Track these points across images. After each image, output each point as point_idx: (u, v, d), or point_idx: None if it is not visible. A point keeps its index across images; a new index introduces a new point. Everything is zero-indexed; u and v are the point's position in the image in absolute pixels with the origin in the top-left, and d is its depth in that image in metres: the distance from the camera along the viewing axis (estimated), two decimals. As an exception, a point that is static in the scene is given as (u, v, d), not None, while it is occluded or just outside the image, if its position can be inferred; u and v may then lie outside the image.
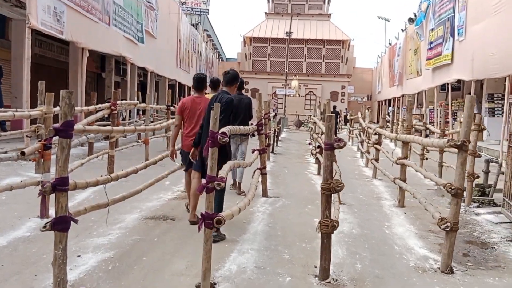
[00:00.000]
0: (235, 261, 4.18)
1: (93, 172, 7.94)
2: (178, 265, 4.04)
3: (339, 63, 47.93)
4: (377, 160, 9.19)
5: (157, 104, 20.67)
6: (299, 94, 42.70)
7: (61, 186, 3.24)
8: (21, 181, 4.89)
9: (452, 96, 22.99)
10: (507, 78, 15.42)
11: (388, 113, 30.44)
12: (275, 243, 4.78)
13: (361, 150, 13.09)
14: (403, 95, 31.34)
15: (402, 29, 32.10)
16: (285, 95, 35.35)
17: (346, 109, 37.19)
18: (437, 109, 20.90)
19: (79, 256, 4.10)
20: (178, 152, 6.18)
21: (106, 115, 8.05)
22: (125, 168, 8.93)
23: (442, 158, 9.05)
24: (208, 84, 6.47)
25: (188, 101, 5.87)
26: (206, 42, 42.29)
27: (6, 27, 14.44)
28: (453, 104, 20.22)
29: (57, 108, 5.60)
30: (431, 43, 20.89)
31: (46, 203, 5.17)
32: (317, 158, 9.57)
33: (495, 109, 16.23)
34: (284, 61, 48.24)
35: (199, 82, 5.95)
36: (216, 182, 3.50)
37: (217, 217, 3.47)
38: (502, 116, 15.97)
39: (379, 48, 67.22)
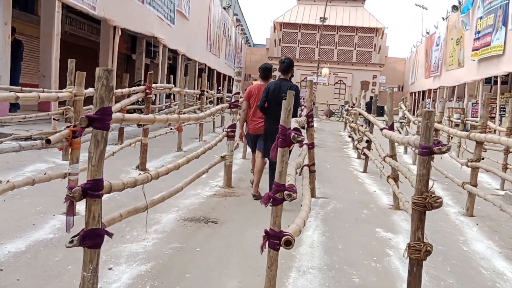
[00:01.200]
0: (296, 284, 3.45)
1: (125, 161, 7.34)
2: (228, 286, 3.33)
3: (372, 51, 46.49)
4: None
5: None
6: (329, 83, 41.61)
7: (93, 190, 2.54)
8: (45, 173, 4.25)
9: (495, 90, 21.74)
10: None
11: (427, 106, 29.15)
12: (337, 259, 4.02)
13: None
14: (440, 87, 30.00)
15: (443, 18, 30.63)
16: (316, 83, 34.28)
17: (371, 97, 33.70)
18: (482, 103, 19.73)
19: (110, 269, 3.43)
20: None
21: (141, 99, 7.40)
22: (156, 156, 8.35)
23: (507, 159, 8.11)
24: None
25: (255, 88, 6.36)
26: (236, 27, 41.38)
27: (35, 2, 13.90)
28: (500, 99, 19.00)
29: (89, 90, 4.93)
30: (478, 32, 19.63)
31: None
32: (364, 154, 8.73)
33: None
34: (314, 48, 47.12)
35: (266, 71, 6.46)
36: (286, 193, 2.77)
37: (286, 237, 2.75)
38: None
39: (414, 37, 65.04)
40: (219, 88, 29.13)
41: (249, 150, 8.87)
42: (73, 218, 2.61)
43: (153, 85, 7.39)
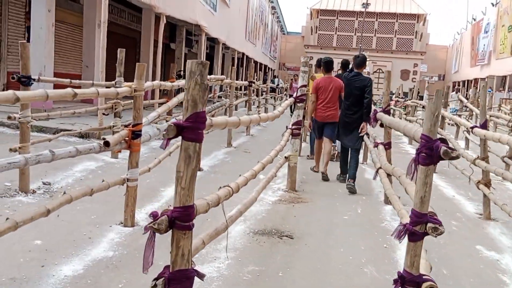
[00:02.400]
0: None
1: (174, 160, 6.77)
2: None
3: (413, 39, 44.87)
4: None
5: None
6: (368, 72, 40.31)
7: (183, 221, 1.95)
8: (102, 180, 3.70)
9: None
10: None
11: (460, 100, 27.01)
12: (449, 290, 3.34)
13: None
14: (488, 76, 28.46)
15: (492, 3, 28.99)
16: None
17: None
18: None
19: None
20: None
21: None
22: (207, 153, 7.77)
23: None
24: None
25: (322, 81, 7.01)
26: (272, 14, 40.51)
27: (77, -11, 13.51)
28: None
29: (148, 84, 4.35)
30: (539, 18, 18.23)
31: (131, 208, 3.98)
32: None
33: None
34: (352, 36, 45.80)
35: (329, 64, 7.13)
36: (431, 225, 2.10)
37: (429, 284, 2.08)
38: None
39: (457, 24, 62.62)
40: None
41: (304, 145, 8.93)
42: (152, 254, 2.02)
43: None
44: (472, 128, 5.32)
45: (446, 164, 8.11)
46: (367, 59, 7.46)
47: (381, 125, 5.37)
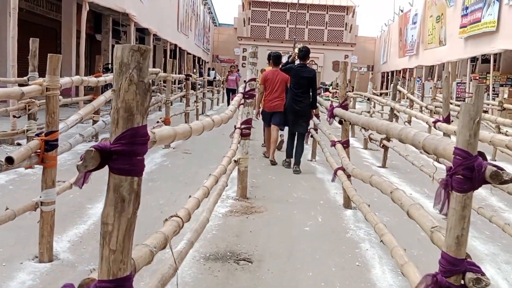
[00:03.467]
0: None
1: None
2: None
3: (343, 30, 45.50)
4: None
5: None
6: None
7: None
8: (6, 208, 2.84)
9: (481, 69, 21.11)
10: None
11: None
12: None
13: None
14: (417, 67, 29.31)
15: (419, -5, 29.78)
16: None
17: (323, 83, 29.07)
18: (469, 83, 18.99)
19: None
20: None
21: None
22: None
23: None
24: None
25: (269, 73, 7.53)
26: (204, 5, 39.45)
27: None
28: (487, 78, 18.27)
29: (65, 80, 3.48)
30: (466, 8, 18.75)
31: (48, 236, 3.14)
32: (383, 146, 7.57)
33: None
34: (284, 27, 45.72)
35: (277, 58, 7.68)
36: (471, 276, 1.51)
37: None
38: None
39: (384, 16, 64.61)
40: (194, 70, 27.49)
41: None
42: None
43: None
44: (435, 122, 4.92)
45: (396, 159, 7.82)
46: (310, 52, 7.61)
47: (340, 122, 4.84)
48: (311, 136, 7.74)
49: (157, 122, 7.64)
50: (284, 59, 8.35)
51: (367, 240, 4.06)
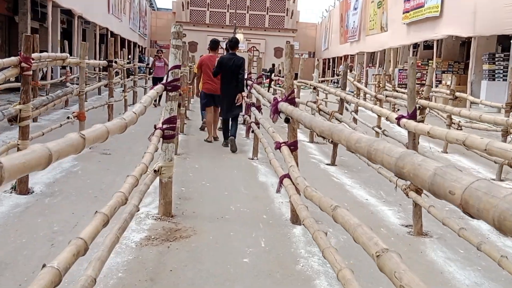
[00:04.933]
0: None
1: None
2: None
3: (284, 16, 44.89)
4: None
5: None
6: (243, 50, 39.36)
7: None
8: None
9: (422, 55, 21.02)
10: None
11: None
12: None
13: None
14: (358, 53, 29.11)
15: (360, -20, 29.46)
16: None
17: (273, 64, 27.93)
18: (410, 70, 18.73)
19: None
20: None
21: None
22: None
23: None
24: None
25: (205, 58, 8.18)
26: (139, -13, 37.33)
27: None
28: (429, 64, 18.07)
29: None
30: (408, -7, 18.42)
31: None
32: (332, 142, 6.75)
33: (496, 71, 14.12)
34: (225, 12, 44.40)
35: (215, 44, 8.43)
36: None
37: None
38: (505, 80, 13.98)
39: (325, 2, 64.61)
40: (129, 56, 25.74)
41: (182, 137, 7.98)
42: None
43: (35, 54, 4.73)
44: (398, 119, 4.09)
45: (345, 154, 7.05)
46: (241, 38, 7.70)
47: (286, 120, 3.90)
48: (252, 132, 6.80)
49: (68, 117, 6.38)
50: (223, 45, 9.07)
51: (322, 273, 3.16)
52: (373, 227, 3.72)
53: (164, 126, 3.96)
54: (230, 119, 7.56)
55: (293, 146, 4.08)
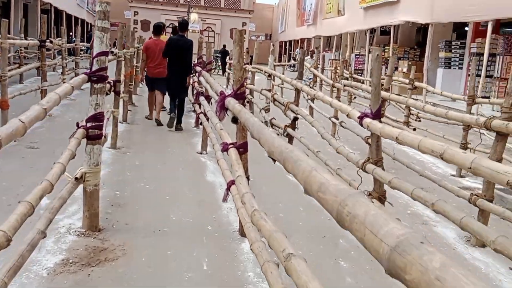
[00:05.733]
0: None
1: None
2: None
3: (240, -4, 43.86)
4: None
5: (26, 36, 15.39)
6: (196, 30, 38.14)
7: None
8: None
9: (379, 41, 20.87)
10: (469, 24, 13.27)
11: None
12: None
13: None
14: (315, 37, 28.75)
15: (317, -38, 28.94)
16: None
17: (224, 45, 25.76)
18: (368, 56, 18.54)
19: None
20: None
21: None
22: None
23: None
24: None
25: (150, 42, 8.33)
26: (88, -39, 35.24)
27: None
28: (386, 50, 17.90)
29: None
30: (366, -23, 18.07)
31: None
32: (288, 135, 6.26)
33: (452, 59, 14.01)
34: (179, -10, 42.83)
35: (158, 28, 8.53)
36: None
37: None
38: (460, 68, 13.92)
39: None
40: (70, 34, 24.22)
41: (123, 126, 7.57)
42: None
43: None
44: (361, 118, 3.61)
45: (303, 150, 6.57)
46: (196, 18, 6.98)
47: (234, 120, 3.34)
48: (201, 124, 6.20)
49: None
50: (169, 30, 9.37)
51: (274, 305, 2.65)
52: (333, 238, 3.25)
53: (88, 125, 3.30)
54: (177, 102, 7.67)
55: (242, 149, 3.53)
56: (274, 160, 1.88)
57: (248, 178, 3.56)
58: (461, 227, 2.68)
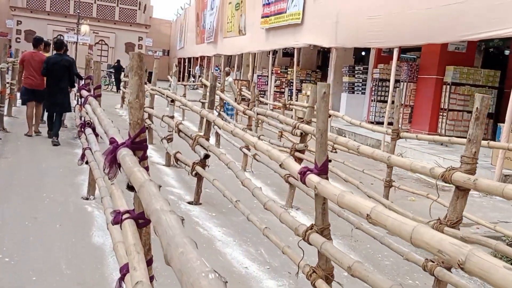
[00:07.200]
0: None
1: None
2: None
3: (136, 10, 42.14)
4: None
5: None
6: (87, 43, 35.65)
7: None
8: None
9: (280, 62, 20.71)
10: (371, 50, 13.34)
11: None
12: None
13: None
14: (215, 55, 28.08)
15: (217, -21, 28.45)
16: (76, 42, 28.48)
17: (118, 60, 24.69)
18: (271, 77, 18.18)
19: None
20: None
21: None
22: None
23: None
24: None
25: (27, 55, 8.26)
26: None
27: None
28: (288, 72, 17.66)
29: None
30: (268, -3, 17.72)
31: None
32: (196, 174, 5.27)
33: (356, 84, 13.95)
34: (68, 1, 39.95)
35: (37, 41, 8.44)
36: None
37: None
38: (363, 93, 13.91)
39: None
40: None
41: None
42: None
43: None
44: (302, 173, 2.72)
45: (209, 186, 5.59)
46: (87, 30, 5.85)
47: (130, 187, 2.26)
48: (86, 162, 4.93)
49: None
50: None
51: None
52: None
53: None
54: (54, 116, 7.92)
55: (142, 221, 2.45)
56: None
57: (151, 260, 2.47)
58: None
